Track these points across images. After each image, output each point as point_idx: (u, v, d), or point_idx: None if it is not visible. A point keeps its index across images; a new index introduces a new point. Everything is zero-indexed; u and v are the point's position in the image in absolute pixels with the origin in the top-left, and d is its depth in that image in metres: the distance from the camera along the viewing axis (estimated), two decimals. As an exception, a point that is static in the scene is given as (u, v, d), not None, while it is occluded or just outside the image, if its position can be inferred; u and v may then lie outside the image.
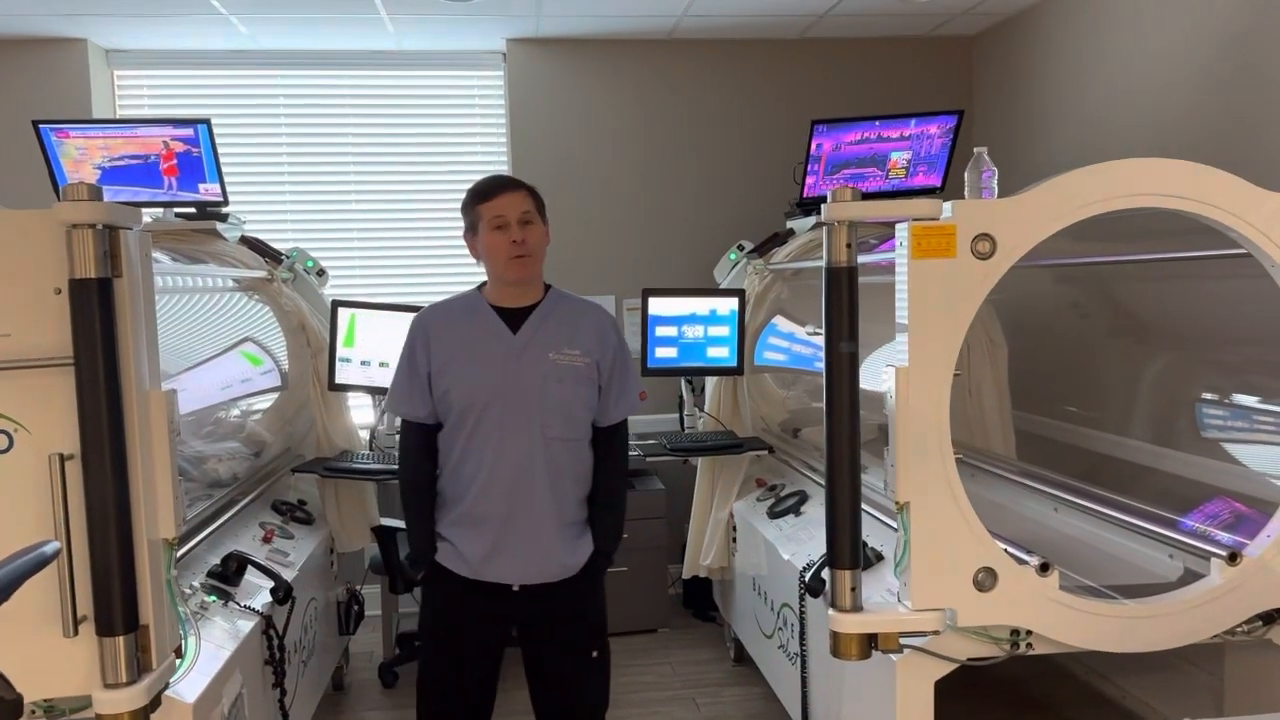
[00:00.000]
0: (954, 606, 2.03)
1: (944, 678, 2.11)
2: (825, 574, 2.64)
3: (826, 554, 2.06)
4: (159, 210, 3.68)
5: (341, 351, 3.80)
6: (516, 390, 2.38)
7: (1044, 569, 2.06)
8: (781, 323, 3.98)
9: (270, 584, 2.68)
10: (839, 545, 2.03)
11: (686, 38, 4.67)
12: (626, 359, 2.54)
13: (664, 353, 3.96)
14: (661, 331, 3.98)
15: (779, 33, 4.65)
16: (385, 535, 3.75)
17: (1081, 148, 3.99)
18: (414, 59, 4.75)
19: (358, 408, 4.04)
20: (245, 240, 3.81)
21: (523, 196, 2.41)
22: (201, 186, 3.66)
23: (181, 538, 2.00)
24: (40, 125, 3.60)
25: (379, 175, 4.81)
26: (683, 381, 4.16)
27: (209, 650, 2.18)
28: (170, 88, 4.70)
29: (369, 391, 3.89)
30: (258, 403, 3.50)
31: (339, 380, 3.81)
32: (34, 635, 1.75)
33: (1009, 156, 4.08)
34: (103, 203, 1.71)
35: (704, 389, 4.13)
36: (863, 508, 2.06)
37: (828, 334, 2.01)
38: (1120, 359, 3.21)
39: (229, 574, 2.60)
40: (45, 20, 4.15)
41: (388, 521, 3.77)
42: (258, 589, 2.68)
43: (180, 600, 1.98)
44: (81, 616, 1.75)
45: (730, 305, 3.91)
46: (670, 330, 3.97)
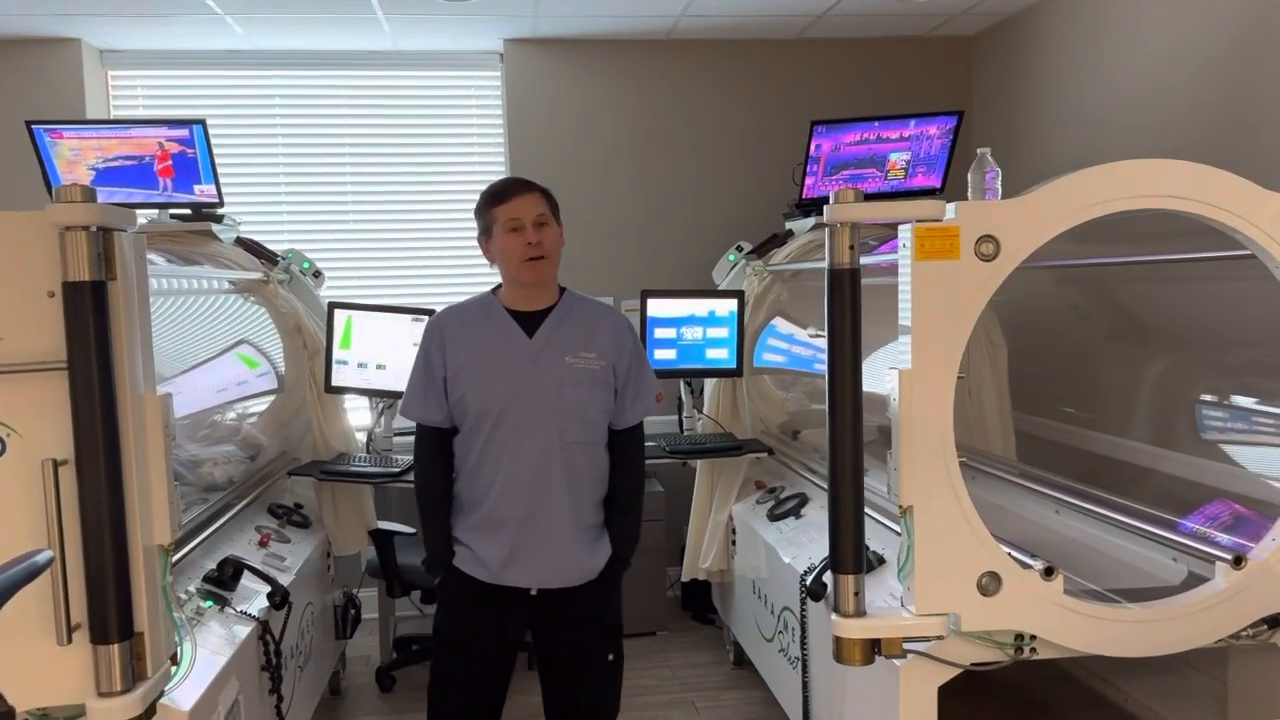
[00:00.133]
0: (958, 611, 2.02)
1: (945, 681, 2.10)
2: (827, 578, 2.64)
3: (829, 558, 2.05)
4: (154, 211, 3.66)
5: (338, 353, 3.78)
6: (533, 394, 2.37)
7: (1048, 573, 2.04)
8: (781, 324, 3.96)
9: (267, 589, 2.67)
10: (842, 550, 2.01)
11: (685, 38, 4.65)
12: (642, 361, 2.53)
13: (663, 354, 3.94)
14: (660, 333, 3.96)
15: (777, 33, 4.64)
16: (382, 539, 3.73)
17: (1081, 148, 3.98)
18: (410, 59, 4.73)
19: (354, 410, 4.02)
20: (241, 242, 3.79)
21: (537, 199, 2.40)
22: (197, 188, 3.64)
23: (177, 542, 1.98)
24: (33, 126, 3.58)
25: (375, 176, 4.78)
26: (681, 383, 4.14)
27: (205, 657, 2.16)
28: (165, 88, 4.67)
29: (366, 394, 3.87)
30: (253, 405, 3.47)
31: (335, 382, 3.79)
32: (27, 643, 1.73)
33: (1008, 157, 4.06)
34: (96, 204, 1.69)
35: (703, 391, 4.11)
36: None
37: (830, 337, 1.99)
38: (1120, 360, 3.20)
39: (225, 579, 2.58)
40: (39, 20, 4.12)
41: (385, 525, 3.75)
42: (254, 594, 2.66)
43: (176, 606, 1.95)
44: (75, 624, 1.73)
45: (729, 307, 3.89)
46: (669, 332, 3.95)
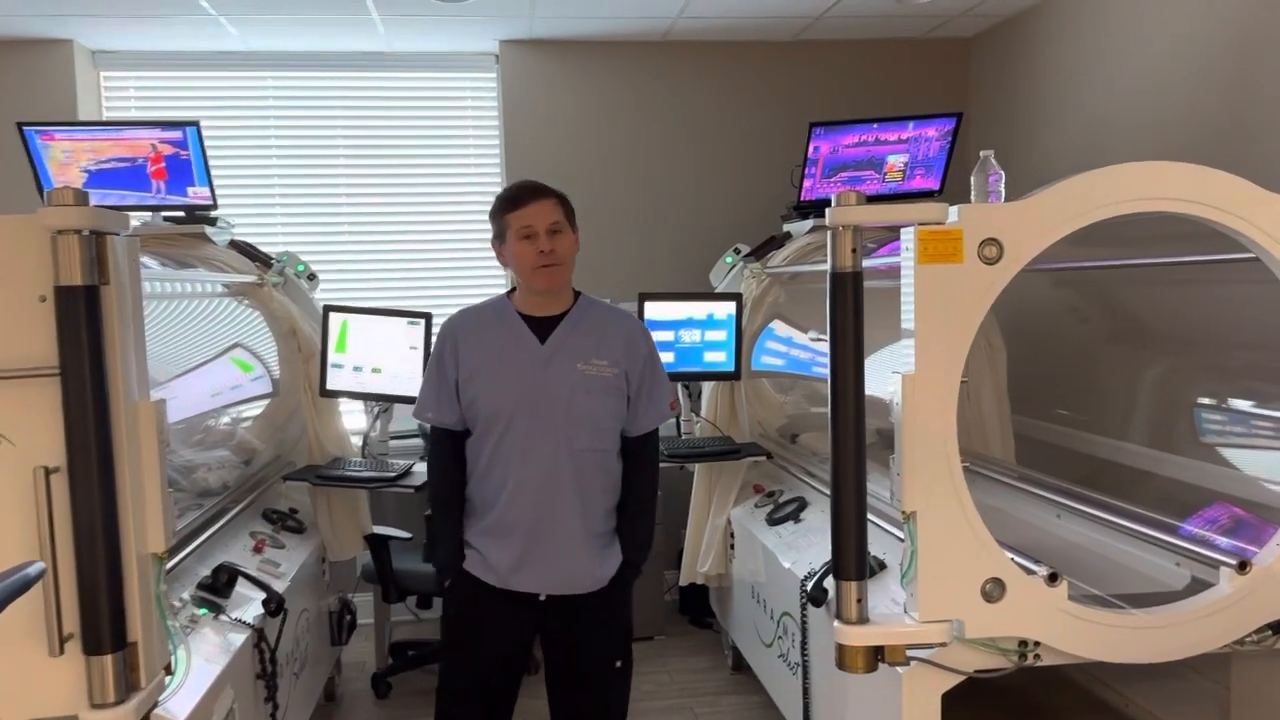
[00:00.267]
0: (962, 618, 2.00)
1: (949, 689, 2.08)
2: (827, 583, 2.63)
3: (832, 565, 2.03)
4: (146, 214, 3.63)
5: (333, 357, 3.75)
6: (543, 401, 2.35)
7: (1052, 579, 2.03)
8: (779, 327, 3.94)
9: (262, 596, 2.64)
10: (844, 556, 1.99)
11: (682, 39, 4.63)
12: (657, 368, 2.51)
13: (660, 357, 3.90)
14: (658, 336, 3.86)
15: (775, 35, 4.62)
16: (378, 544, 3.70)
17: (1080, 150, 3.97)
18: (405, 60, 4.70)
19: (349, 414, 3.99)
20: (235, 244, 3.76)
21: (552, 205, 2.37)
22: (190, 190, 3.61)
23: (170, 549, 1.95)
24: (25, 127, 3.55)
25: (370, 178, 4.75)
26: (679, 387, 4.11)
27: (199, 666, 2.13)
28: (158, 89, 4.64)
29: (361, 397, 3.84)
30: (248, 410, 3.44)
31: (330, 386, 3.75)
32: (18, 654, 1.70)
33: (1006, 159, 3.99)
34: (89, 207, 1.66)
35: (701, 394, 4.09)
36: (864, 515, 2.03)
37: (832, 340, 1.98)
38: (1119, 363, 3.18)
39: (219, 586, 2.55)
40: (30, 21, 4.09)
41: (381, 530, 3.72)
42: (249, 601, 2.63)
43: (170, 615, 1.93)
44: (68, 634, 1.70)
45: (728, 309, 3.87)
46: (667, 335, 3.93)
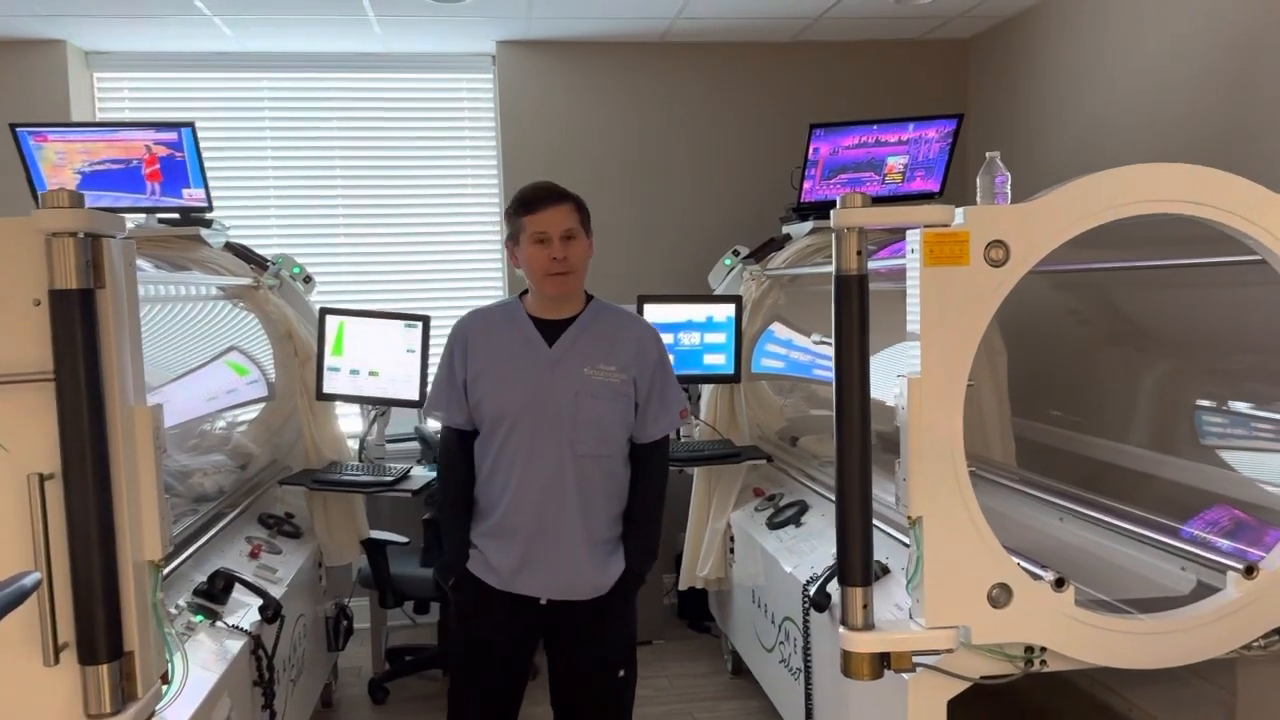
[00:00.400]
0: (968, 624, 1.98)
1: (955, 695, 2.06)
2: (830, 588, 2.61)
3: (837, 571, 2.00)
4: (141, 216, 3.60)
5: (330, 360, 3.72)
6: (548, 404, 2.34)
7: (1059, 584, 2.00)
8: (779, 329, 3.93)
9: (259, 602, 2.61)
10: (850, 562, 1.97)
11: (679, 40, 4.61)
12: (667, 375, 2.49)
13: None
14: (656, 338, 3.90)
15: (773, 36, 4.60)
16: (375, 548, 3.67)
17: (1080, 151, 3.96)
18: (402, 61, 4.67)
19: (346, 417, 3.96)
20: (230, 247, 3.73)
21: (567, 211, 2.36)
22: (185, 192, 3.58)
23: (166, 556, 1.92)
24: (17, 129, 3.51)
25: (366, 180, 4.73)
26: (677, 389, 4.09)
27: (196, 674, 2.09)
28: (151, 90, 4.61)
29: (358, 401, 3.81)
30: (244, 414, 3.41)
31: (327, 390, 3.72)
32: (12, 663, 1.67)
33: (1005, 161, 4.01)
34: (84, 210, 1.63)
35: (700, 397, 4.07)
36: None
37: (837, 343, 1.95)
38: (1119, 365, 3.17)
39: (216, 592, 2.53)
40: (23, 21, 4.05)
41: (377, 534, 3.69)
42: (245, 607, 2.60)
43: (166, 622, 1.90)
44: (63, 644, 1.67)
45: (727, 312, 3.85)
46: (666, 338, 3.84)
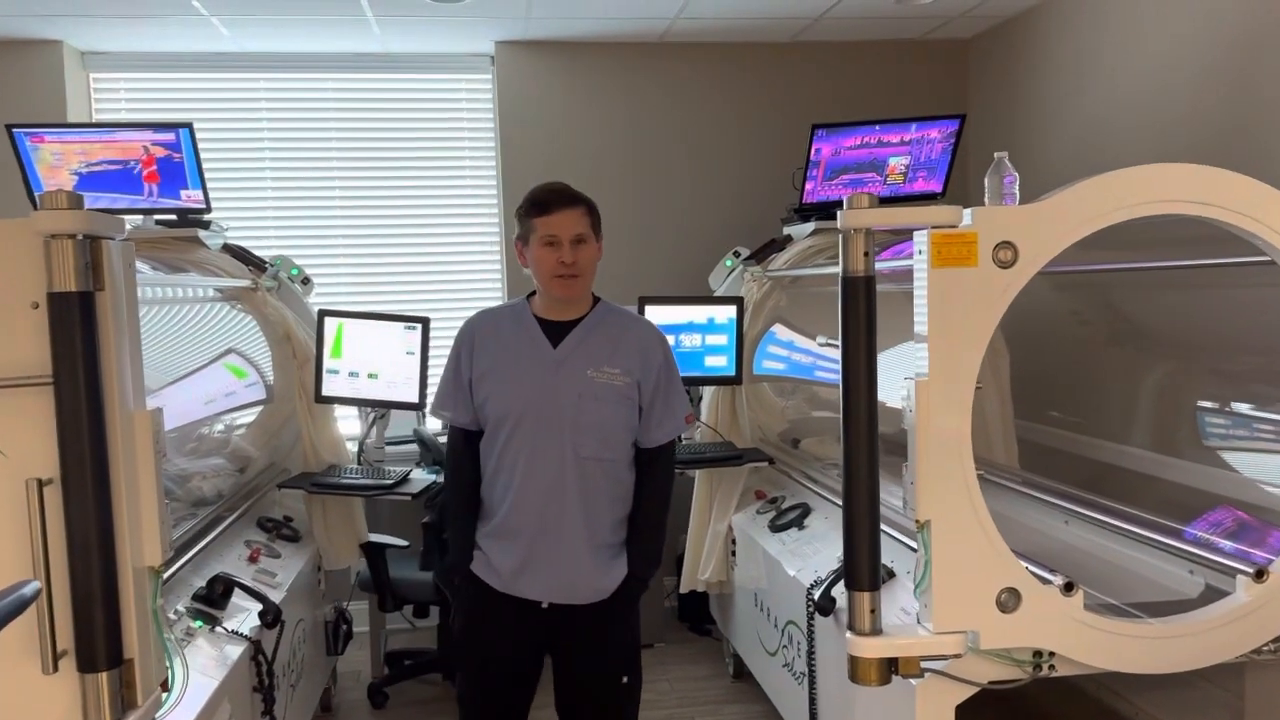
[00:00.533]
0: (976, 628, 1.96)
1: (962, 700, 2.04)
2: (835, 591, 2.59)
3: (844, 575, 1.98)
4: (138, 218, 3.57)
5: (328, 362, 3.69)
6: (551, 406, 2.33)
7: (1068, 589, 1.99)
8: (780, 331, 3.91)
9: (258, 606, 2.58)
10: (858, 566, 1.95)
11: (679, 40, 4.60)
12: (673, 379, 2.48)
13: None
14: (657, 340, 3.88)
15: (773, 36, 4.59)
16: (374, 552, 3.65)
17: (1080, 152, 3.94)
18: (400, 62, 4.65)
19: (345, 419, 3.93)
20: (228, 248, 3.71)
21: (579, 215, 2.34)
22: (183, 193, 3.55)
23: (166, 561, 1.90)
24: (14, 129, 3.48)
25: (365, 181, 4.70)
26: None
27: (196, 680, 2.07)
28: (148, 91, 4.58)
29: (357, 403, 3.78)
30: (242, 417, 3.39)
31: (326, 392, 3.70)
32: (10, 671, 1.64)
33: (1007, 161, 4.03)
34: (84, 211, 1.61)
35: (701, 399, 4.05)
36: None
37: (844, 346, 1.94)
38: (1121, 367, 3.16)
39: (215, 597, 2.50)
40: (19, 21, 4.03)
41: (377, 538, 3.67)
42: (245, 611, 2.57)
43: (166, 628, 1.87)
44: (62, 651, 1.64)
45: (728, 313, 3.83)
46: (667, 339, 3.87)
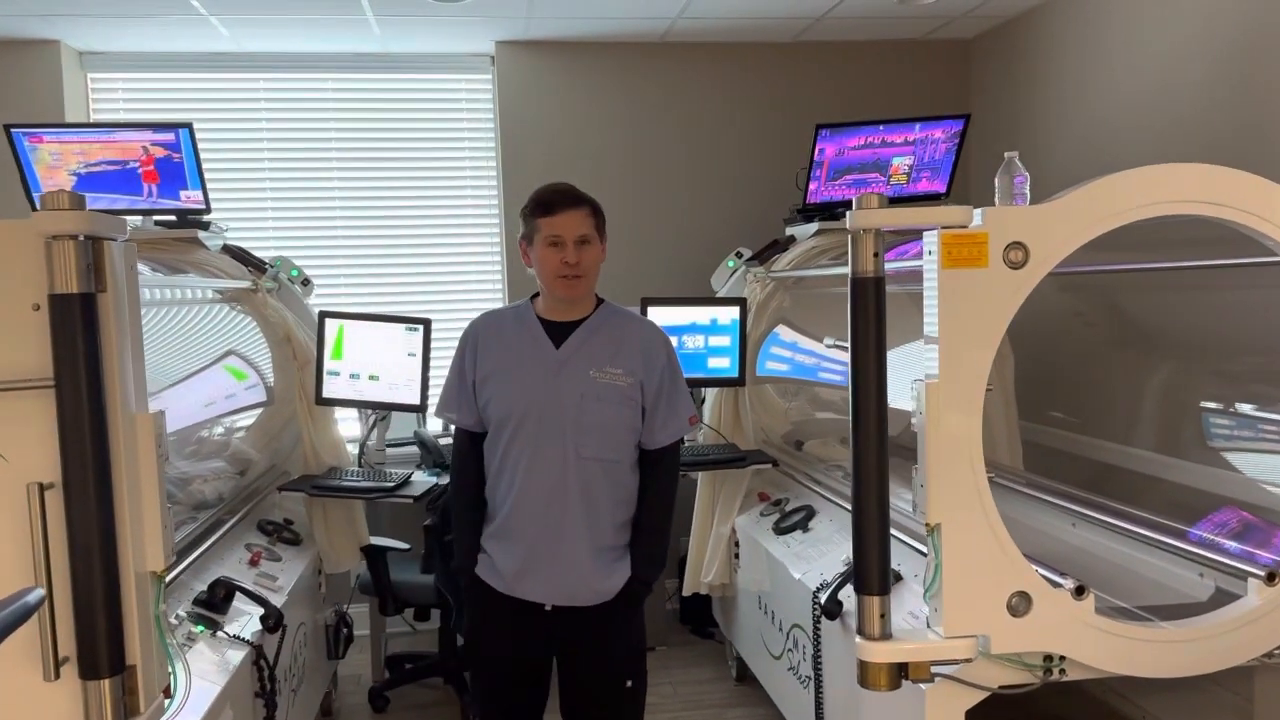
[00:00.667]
0: (987, 633, 1.95)
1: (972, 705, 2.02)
2: (842, 595, 2.57)
3: (854, 579, 1.97)
4: (138, 218, 3.55)
5: (329, 364, 3.67)
6: (553, 406, 2.32)
7: (1079, 592, 1.98)
8: (784, 332, 3.89)
9: (259, 610, 2.56)
10: (867, 570, 1.93)
11: (680, 40, 4.58)
12: (676, 380, 2.46)
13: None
14: (659, 341, 3.86)
15: (775, 36, 4.57)
16: (375, 555, 3.62)
17: (1083, 152, 3.93)
18: (400, 62, 4.63)
19: (346, 421, 3.91)
20: (228, 249, 3.68)
21: (583, 216, 2.33)
22: (183, 193, 3.53)
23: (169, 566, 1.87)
24: (12, 129, 3.46)
25: (365, 181, 4.68)
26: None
27: (198, 686, 2.05)
28: (146, 91, 4.55)
29: (358, 405, 3.76)
30: (242, 419, 3.36)
31: (326, 394, 3.67)
32: (11, 678, 1.62)
33: (1009, 162, 4.01)
34: (85, 212, 1.59)
35: (704, 401, 4.03)
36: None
37: (853, 348, 1.92)
38: (1126, 368, 3.14)
39: (216, 601, 2.47)
40: (16, 21, 4.00)
41: (377, 540, 3.64)
42: (246, 615, 2.55)
43: (168, 633, 1.85)
44: (63, 658, 1.62)
45: (731, 314, 3.81)
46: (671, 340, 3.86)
